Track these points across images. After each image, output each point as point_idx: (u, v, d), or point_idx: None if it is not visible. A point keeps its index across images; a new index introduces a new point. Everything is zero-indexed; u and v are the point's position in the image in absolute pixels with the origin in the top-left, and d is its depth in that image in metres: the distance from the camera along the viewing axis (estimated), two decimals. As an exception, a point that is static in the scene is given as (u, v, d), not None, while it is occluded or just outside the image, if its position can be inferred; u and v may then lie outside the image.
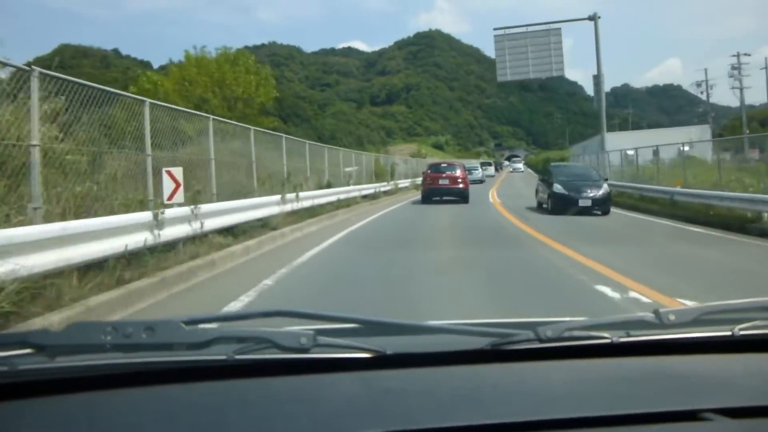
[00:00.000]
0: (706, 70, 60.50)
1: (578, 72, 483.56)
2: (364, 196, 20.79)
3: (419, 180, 36.82)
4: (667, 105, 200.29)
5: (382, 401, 1.00)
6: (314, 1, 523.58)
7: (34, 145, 5.17)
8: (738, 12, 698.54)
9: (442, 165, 22.74)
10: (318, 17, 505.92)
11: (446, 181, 20.74)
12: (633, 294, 5.69)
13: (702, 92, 61.60)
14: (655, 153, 28.74)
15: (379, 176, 26.00)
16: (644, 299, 5.47)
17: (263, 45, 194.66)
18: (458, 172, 21.15)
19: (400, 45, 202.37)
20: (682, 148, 26.08)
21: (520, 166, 66.52)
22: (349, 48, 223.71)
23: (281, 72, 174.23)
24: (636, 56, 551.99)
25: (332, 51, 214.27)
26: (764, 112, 67.24)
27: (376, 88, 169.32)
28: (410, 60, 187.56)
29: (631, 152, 38.84)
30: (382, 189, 24.06)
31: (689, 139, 37.42)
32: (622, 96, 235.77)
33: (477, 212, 17.37)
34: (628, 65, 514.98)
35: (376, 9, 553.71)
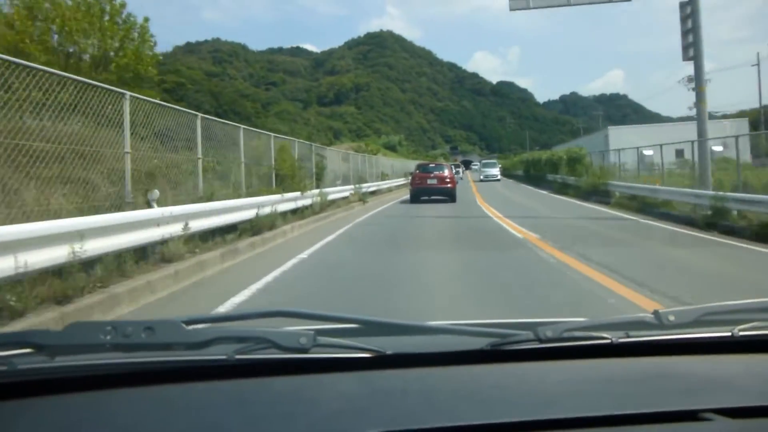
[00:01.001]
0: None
1: (528, 80, 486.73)
2: (207, 239, 7.52)
3: (369, 186, 24.39)
4: (613, 113, 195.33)
5: (382, 401, 0.96)
6: (264, 5, 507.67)
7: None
8: (674, 28, 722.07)
9: (430, 165, 22.44)
10: (268, 19, 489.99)
11: (434, 181, 20.34)
12: None
13: (693, 88, 51.65)
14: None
15: (286, 180, 12.78)
16: None
17: (206, 41, 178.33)
18: (446, 172, 20.83)
19: (350, 45, 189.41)
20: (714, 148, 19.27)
21: (496, 171, 45.15)
22: (298, 48, 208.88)
23: (223, 69, 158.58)
24: (582, 67, 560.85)
25: (280, 50, 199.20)
26: (753, 113, 58.34)
27: (324, 88, 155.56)
28: (360, 60, 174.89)
29: (648, 152, 26.77)
30: (282, 207, 10.88)
31: (722, 133, 26.76)
32: (572, 103, 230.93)
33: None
34: (576, 75, 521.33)
35: (328, 13, 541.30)
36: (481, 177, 43.97)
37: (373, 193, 24.95)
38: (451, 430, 0.84)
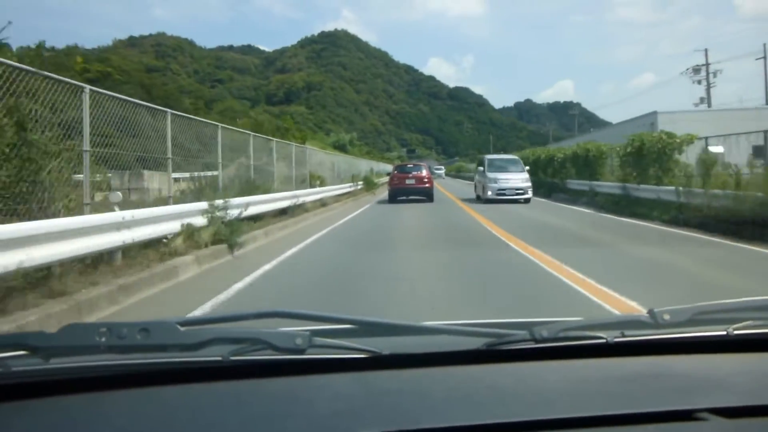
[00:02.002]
0: (706, 50, 41.61)
1: (483, 87, 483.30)
2: None
3: (274, 201, 13.01)
4: (566, 120, 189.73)
5: (378, 402, 0.94)
6: (219, 5, 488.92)
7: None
8: (621, 42, 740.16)
9: (408, 166, 21.70)
10: (221, 19, 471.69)
11: (412, 181, 19.96)
12: None
13: (699, 81, 42.88)
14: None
15: None
16: None
17: (149, 35, 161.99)
18: (424, 172, 20.36)
19: (303, 43, 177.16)
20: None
21: (521, 181, 19.33)
22: (249, 46, 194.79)
23: (166, 63, 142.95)
24: (535, 76, 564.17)
25: (230, 48, 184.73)
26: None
27: (273, 86, 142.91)
28: (313, 59, 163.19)
29: (717, 149, 15.87)
30: None
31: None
32: (526, 111, 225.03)
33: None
34: (529, 83, 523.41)
35: (282, 15, 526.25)
36: (489, 193, 19.32)
37: (282, 212, 13.21)
38: (448, 431, 0.82)
